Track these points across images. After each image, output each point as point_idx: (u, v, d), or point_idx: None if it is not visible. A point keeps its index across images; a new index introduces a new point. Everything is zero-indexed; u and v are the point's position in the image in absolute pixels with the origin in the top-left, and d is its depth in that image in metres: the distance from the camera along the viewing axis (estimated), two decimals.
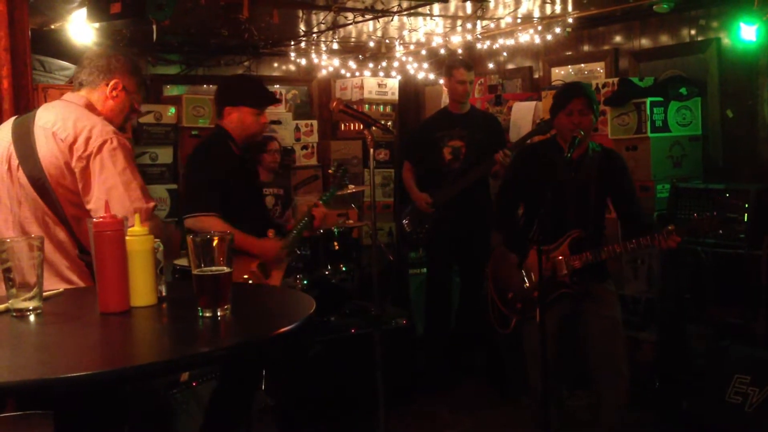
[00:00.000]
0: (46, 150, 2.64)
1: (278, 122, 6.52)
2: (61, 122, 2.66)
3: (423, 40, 6.45)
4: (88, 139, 2.61)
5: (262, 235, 3.71)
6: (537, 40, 5.81)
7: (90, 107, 2.77)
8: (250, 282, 3.58)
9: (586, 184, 3.79)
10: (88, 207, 2.62)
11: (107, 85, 2.81)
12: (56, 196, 2.64)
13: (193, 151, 3.84)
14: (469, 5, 5.23)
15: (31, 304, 2.04)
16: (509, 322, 3.93)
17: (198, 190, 3.65)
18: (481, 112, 5.58)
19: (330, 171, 4.55)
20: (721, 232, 3.53)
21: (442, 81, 5.64)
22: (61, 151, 2.62)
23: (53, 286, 2.58)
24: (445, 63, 5.48)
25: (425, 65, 6.93)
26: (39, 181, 2.64)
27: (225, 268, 1.97)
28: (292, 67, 7.06)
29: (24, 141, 2.68)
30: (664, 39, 5.24)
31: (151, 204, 2.67)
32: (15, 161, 2.68)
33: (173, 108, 5.94)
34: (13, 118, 2.84)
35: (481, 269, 5.28)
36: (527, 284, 3.81)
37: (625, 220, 3.94)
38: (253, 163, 3.98)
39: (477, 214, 5.13)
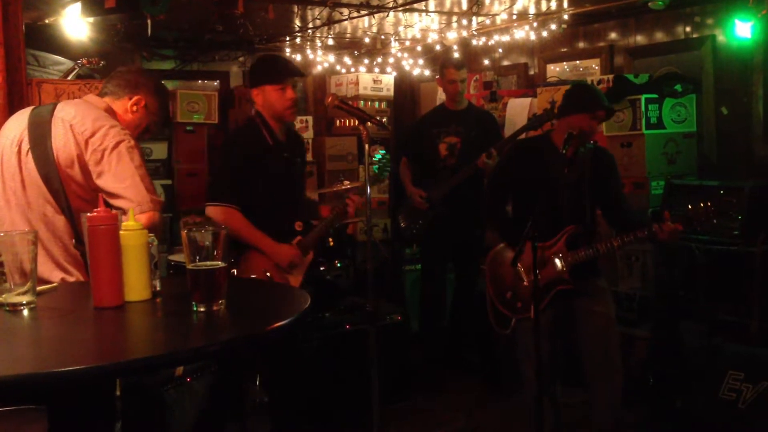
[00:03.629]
0: (61, 140, 2.68)
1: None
2: (80, 117, 2.72)
3: (418, 36, 6.44)
4: (105, 136, 2.69)
5: (290, 227, 3.68)
6: (532, 36, 5.82)
7: (109, 111, 2.85)
8: (269, 275, 3.57)
9: (580, 181, 3.79)
10: (98, 182, 2.67)
11: (130, 99, 2.90)
12: (62, 185, 2.68)
13: (225, 137, 3.78)
14: (464, 1, 5.23)
15: (24, 299, 2.03)
16: (509, 323, 3.91)
17: (220, 180, 3.62)
18: (478, 109, 5.58)
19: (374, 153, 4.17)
20: (715, 221, 3.52)
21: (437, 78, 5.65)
22: (77, 143, 2.67)
23: (49, 273, 2.63)
24: (439, 62, 5.49)
25: (420, 61, 6.93)
26: (45, 168, 2.68)
27: (220, 263, 1.97)
28: None
29: (39, 128, 2.72)
30: (659, 36, 5.25)
31: (161, 199, 2.78)
32: (26, 146, 2.72)
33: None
34: (31, 107, 2.89)
35: (476, 266, 5.28)
36: (525, 282, 3.80)
37: (613, 218, 3.93)
38: (295, 150, 3.81)
39: (472, 211, 5.13)
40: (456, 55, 6.11)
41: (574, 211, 3.78)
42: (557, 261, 3.72)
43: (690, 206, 3.56)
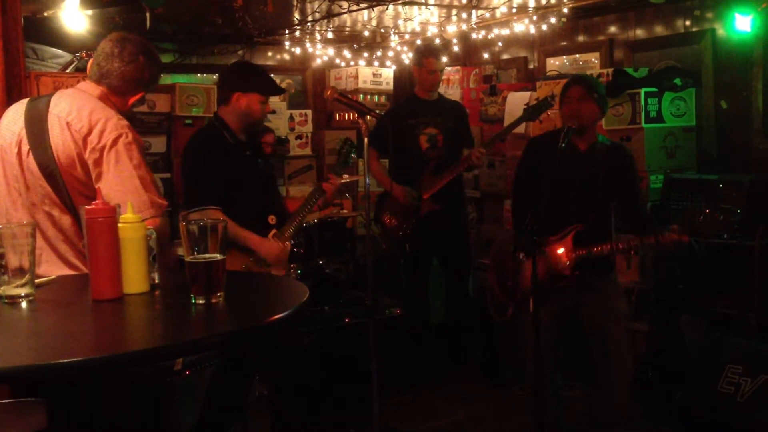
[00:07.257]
0: (59, 139, 2.62)
1: (272, 112, 6.51)
2: (75, 112, 2.64)
3: (418, 29, 6.43)
4: (102, 132, 2.60)
5: (264, 221, 3.70)
6: (532, 30, 5.81)
7: (104, 99, 2.76)
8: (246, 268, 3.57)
9: (593, 177, 3.76)
10: (99, 186, 2.58)
11: (133, 96, 2.84)
12: (65, 185, 2.62)
13: (187, 144, 3.83)
14: None
15: (23, 291, 2.03)
16: (507, 310, 3.91)
17: (194, 184, 3.64)
18: (449, 100, 5.47)
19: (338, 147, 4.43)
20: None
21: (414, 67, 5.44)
22: (75, 141, 2.60)
23: (60, 272, 2.59)
24: (416, 51, 5.33)
25: None
26: (48, 169, 2.62)
27: (218, 255, 1.97)
28: (286, 57, 7.04)
29: (37, 127, 2.65)
30: (659, 29, 5.24)
31: (165, 202, 2.68)
32: (26, 147, 2.66)
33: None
34: (26, 100, 2.81)
35: (466, 259, 5.26)
36: (526, 274, 3.77)
37: (625, 215, 3.92)
38: (254, 148, 3.93)
39: (456, 206, 5.13)
40: (451, 45, 6.09)
41: (584, 207, 3.75)
42: (560, 257, 3.70)
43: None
